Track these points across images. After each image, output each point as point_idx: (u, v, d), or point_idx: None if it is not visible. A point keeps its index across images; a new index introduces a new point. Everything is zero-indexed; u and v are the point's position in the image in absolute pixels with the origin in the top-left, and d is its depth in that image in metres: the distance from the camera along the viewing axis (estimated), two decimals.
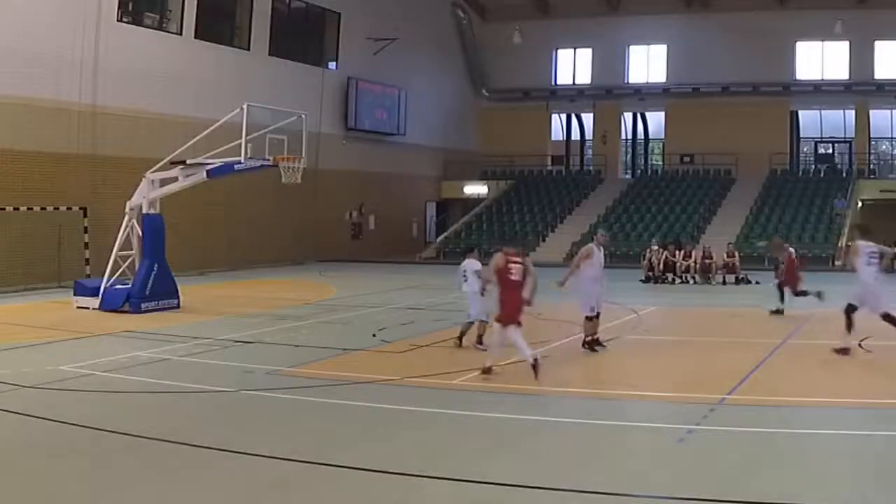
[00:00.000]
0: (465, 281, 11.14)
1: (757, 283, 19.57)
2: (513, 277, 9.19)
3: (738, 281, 20.22)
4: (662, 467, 6.10)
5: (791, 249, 15.29)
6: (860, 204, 29.11)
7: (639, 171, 35.26)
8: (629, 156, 36.18)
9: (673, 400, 8.18)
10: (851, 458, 6.21)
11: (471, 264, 11.16)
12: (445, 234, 31.12)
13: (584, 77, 34.36)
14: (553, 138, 36.25)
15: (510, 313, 9.06)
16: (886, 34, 29.81)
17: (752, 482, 5.64)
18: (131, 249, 15.02)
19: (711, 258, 20.89)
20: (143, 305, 14.24)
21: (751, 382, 8.73)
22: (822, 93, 31.08)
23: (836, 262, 24.59)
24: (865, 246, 10.48)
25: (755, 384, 8.68)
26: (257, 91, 20.95)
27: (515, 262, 9.30)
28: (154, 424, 7.12)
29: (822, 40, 30.79)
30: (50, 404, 7.81)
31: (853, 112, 31.53)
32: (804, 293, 14.31)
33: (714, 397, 7.98)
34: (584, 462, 6.27)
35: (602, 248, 10.95)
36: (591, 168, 35.71)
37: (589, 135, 36.15)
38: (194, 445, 6.49)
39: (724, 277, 20.46)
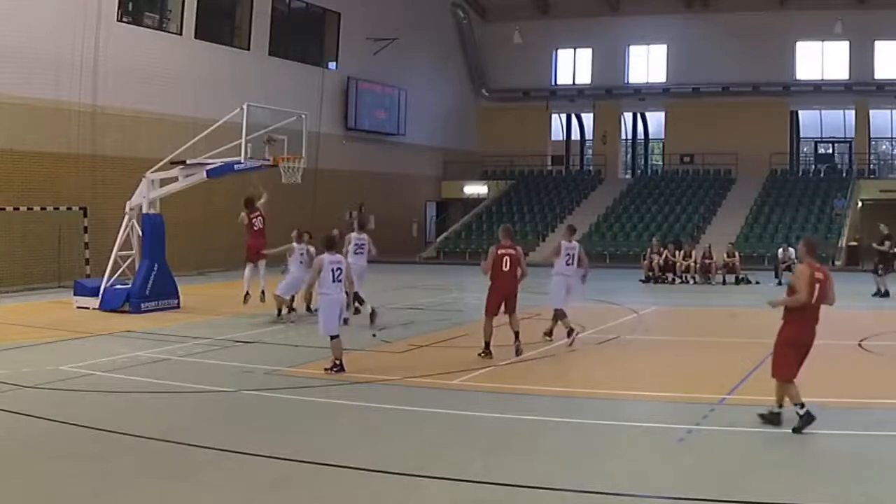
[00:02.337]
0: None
1: (757, 282, 19.57)
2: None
3: (738, 281, 20.22)
4: (662, 467, 6.10)
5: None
6: (860, 204, 29.12)
7: (639, 171, 35.24)
8: (629, 156, 36.17)
9: (673, 400, 8.18)
10: (852, 458, 6.21)
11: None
12: (445, 234, 31.12)
13: (584, 77, 34.35)
14: (553, 138, 36.24)
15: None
16: (886, 34, 29.80)
17: (752, 482, 5.64)
18: (131, 249, 15.01)
19: (711, 258, 20.90)
20: (143, 305, 14.24)
21: (751, 382, 8.72)
22: (822, 93, 31.07)
23: (836, 263, 24.65)
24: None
25: (755, 384, 8.66)
26: (257, 91, 20.95)
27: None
28: (154, 424, 7.12)
29: (822, 40, 30.78)
30: (50, 404, 7.81)
31: (853, 112, 31.51)
32: None
33: (714, 397, 7.98)
34: (584, 462, 6.27)
35: (572, 242, 11.30)
36: (591, 168, 35.70)
37: (589, 135, 36.14)
38: (194, 445, 6.49)
39: (724, 277, 20.46)
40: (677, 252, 21.12)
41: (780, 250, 21.19)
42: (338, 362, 9.15)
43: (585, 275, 11.59)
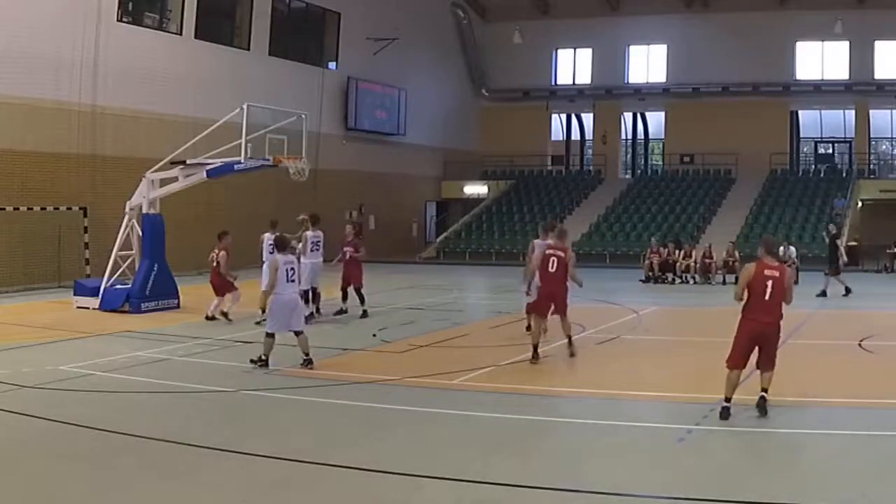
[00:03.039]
0: None
1: None
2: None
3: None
4: (662, 467, 6.10)
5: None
6: (860, 204, 29.12)
7: (639, 171, 35.25)
8: (629, 156, 36.17)
9: (673, 400, 8.17)
10: (851, 457, 6.21)
11: None
12: (445, 234, 31.12)
13: (584, 77, 34.35)
14: (553, 138, 36.23)
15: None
16: (886, 34, 29.79)
17: (752, 482, 5.64)
18: (131, 249, 15.02)
19: (712, 258, 20.89)
20: (143, 305, 14.24)
21: (751, 382, 8.72)
22: (822, 93, 31.07)
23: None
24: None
25: (755, 384, 8.66)
26: (257, 91, 20.94)
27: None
28: (154, 424, 7.12)
29: (822, 40, 30.78)
30: (50, 404, 7.81)
31: (853, 112, 31.51)
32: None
33: (714, 397, 7.96)
34: (584, 462, 6.27)
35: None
36: (591, 168, 35.70)
37: (589, 135, 36.13)
38: (194, 445, 6.49)
39: (724, 277, 20.46)
40: (677, 251, 21.11)
41: (781, 249, 21.15)
42: (264, 357, 9.46)
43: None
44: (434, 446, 6.68)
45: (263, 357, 9.49)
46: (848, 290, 16.84)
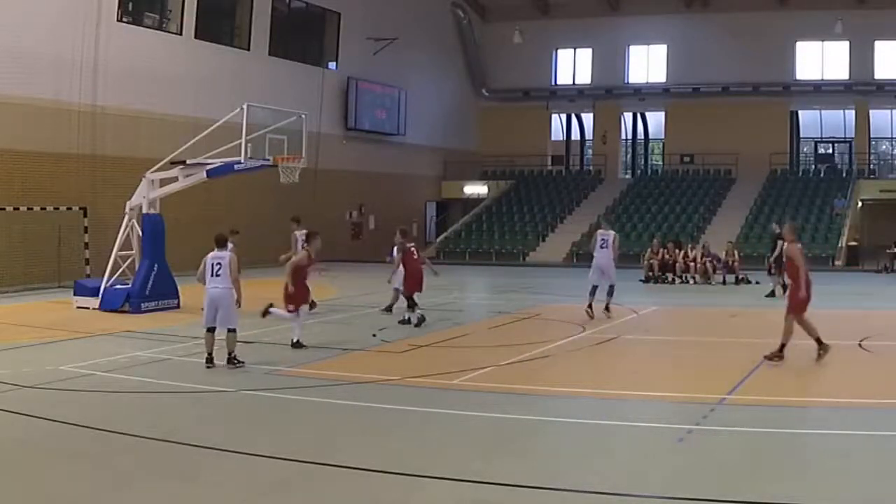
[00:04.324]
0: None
1: (757, 282, 19.56)
2: None
3: (738, 281, 20.21)
4: (662, 467, 6.10)
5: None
6: (860, 204, 29.11)
7: (639, 171, 35.25)
8: (629, 156, 36.17)
9: (673, 400, 8.17)
10: (852, 457, 6.21)
11: None
12: (445, 234, 31.12)
13: (584, 77, 34.35)
14: (553, 138, 36.23)
15: None
16: (886, 34, 29.79)
17: (753, 482, 5.64)
18: (131, 249, 15.02)
19: (711, 257, 20.86)
20: (143, 305, 14.24)
21: (751, 382, 8.73)
22: (822, 93, 31.07)
23: (836, 263, 24.66)
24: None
25: (755, 384, 8.68)
26: (257, 91, 20.95)
27: None
28: (154, 424, 7.12)
29: (822, 40, 30.78)
30: (50, 404, 7.81)
31: (853, 112, 31.51)
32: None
33: (714, 397, 7.98)
34: (584, 462, 6.28)
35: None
36: (591, 168, 35.70)
37: (589, 135, 36.13)
38: (194, 445, 6.49)
39: (724, 277, 20.45)
40: (677, 251, 21.09)
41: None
42: (207, 354, 9.58)
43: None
44: (434, 446, 6.68)
45: (207, 354, 9.57)
46: (773, 293, 16.62)
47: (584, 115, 35.89)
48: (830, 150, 33.35)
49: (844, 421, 7.21)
